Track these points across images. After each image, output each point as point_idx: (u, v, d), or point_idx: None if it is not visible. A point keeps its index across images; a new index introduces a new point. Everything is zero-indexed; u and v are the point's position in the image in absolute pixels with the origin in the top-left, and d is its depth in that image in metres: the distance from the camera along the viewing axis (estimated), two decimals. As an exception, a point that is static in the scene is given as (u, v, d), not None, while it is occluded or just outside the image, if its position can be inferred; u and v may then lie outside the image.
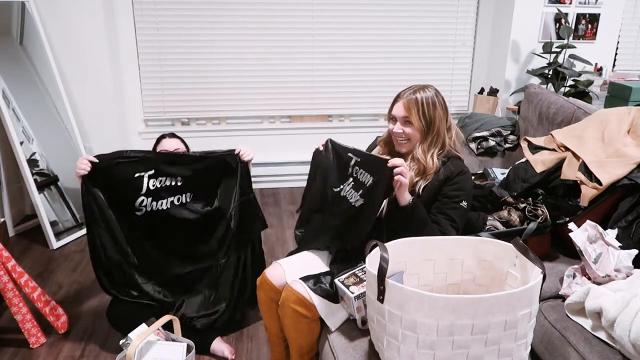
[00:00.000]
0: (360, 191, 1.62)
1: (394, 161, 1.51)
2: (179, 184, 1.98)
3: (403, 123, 1.68)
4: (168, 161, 1.97)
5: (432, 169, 1.66)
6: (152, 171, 1.92)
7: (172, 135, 2.22)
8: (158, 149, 2.14)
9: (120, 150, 1.91)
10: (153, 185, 1.93)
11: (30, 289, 2.04)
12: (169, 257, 2.05)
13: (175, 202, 2.00)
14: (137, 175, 1.90)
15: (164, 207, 1.97)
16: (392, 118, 1.73)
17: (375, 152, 1.82)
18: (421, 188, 1.65)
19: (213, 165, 2.01)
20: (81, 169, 1.84)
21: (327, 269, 1.71)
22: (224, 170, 2.04)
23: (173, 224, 2.00)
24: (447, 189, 1.65)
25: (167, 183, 1.96)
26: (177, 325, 1.86)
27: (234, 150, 2.03)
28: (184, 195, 2.01)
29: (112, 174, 1.88)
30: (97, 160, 1.86)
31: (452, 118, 1.75)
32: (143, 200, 1.93)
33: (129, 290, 1.99)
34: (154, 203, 1.95)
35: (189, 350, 1.77)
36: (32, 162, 2.86)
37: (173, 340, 1.84)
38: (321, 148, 1.79)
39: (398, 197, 1.56)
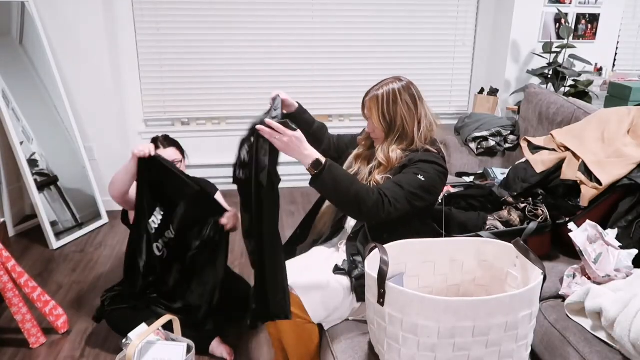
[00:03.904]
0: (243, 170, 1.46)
1: (261, 127, 1.35)
2: None
3: (370, 121, 1.66)
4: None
5: (396, 160, 1.58)
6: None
7: (168, 142, 2.16)
8: None
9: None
10: None
11: (30, 289, 2.04)
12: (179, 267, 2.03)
13: None
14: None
15: None
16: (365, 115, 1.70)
17: (356, 151, 1.77)
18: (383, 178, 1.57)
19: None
20: (141, 151, 1.82)
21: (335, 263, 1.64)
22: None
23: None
24: (407, 170, 1.55)
25: None
26: (177, 325, 1.86)
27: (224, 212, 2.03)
28: None
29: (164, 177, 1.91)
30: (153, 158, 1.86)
31: (427, 108, 1.64)
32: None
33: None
34: None
35: (188, 350, 1.77)
36: (32, 162, 2.86)
37: (173, 340, 1.84)
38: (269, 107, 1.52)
39: (301, 161, 1.39)
